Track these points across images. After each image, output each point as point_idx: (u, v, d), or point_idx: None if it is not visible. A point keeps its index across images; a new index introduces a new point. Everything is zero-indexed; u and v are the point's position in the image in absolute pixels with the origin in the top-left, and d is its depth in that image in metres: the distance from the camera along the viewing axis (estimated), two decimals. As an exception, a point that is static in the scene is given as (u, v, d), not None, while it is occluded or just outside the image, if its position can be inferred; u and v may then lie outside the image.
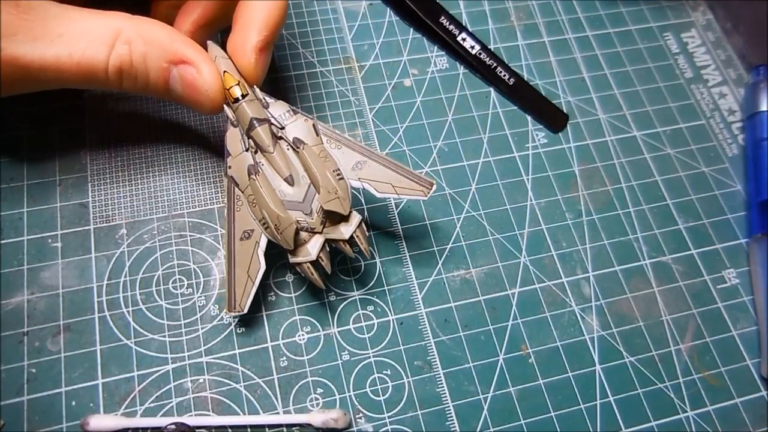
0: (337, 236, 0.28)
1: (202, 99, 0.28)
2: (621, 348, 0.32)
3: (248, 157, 0.28)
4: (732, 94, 0.41)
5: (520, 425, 0.30)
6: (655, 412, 0.31)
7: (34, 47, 0.26)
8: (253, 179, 0.28)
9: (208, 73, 0.28)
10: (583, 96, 0.40)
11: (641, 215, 0.36)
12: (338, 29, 0.39)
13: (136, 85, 0.28)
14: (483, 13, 0.41)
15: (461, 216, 0.35)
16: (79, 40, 0.26)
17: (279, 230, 0.28)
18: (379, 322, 0.31)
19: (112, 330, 0.29)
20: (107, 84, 0.28)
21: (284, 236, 0.28)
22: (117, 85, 0.28)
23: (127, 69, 0.27)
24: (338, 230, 0.29)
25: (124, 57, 0.27)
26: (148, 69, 0.27)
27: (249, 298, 0.29)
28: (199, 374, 0.29)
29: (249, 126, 0.28)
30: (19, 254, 0.30)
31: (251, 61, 0.29)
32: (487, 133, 0.37)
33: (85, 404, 0.28)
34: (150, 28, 0.27)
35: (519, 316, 0.32)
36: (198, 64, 0.28)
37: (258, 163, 0.28)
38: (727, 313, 0.34)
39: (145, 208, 0.32)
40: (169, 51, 0.27)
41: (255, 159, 0.28)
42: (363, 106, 0.37)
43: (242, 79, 0.29)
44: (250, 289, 0.29)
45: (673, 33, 0.43)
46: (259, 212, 0.28)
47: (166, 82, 0.28)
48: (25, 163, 0.32)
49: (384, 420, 0.29)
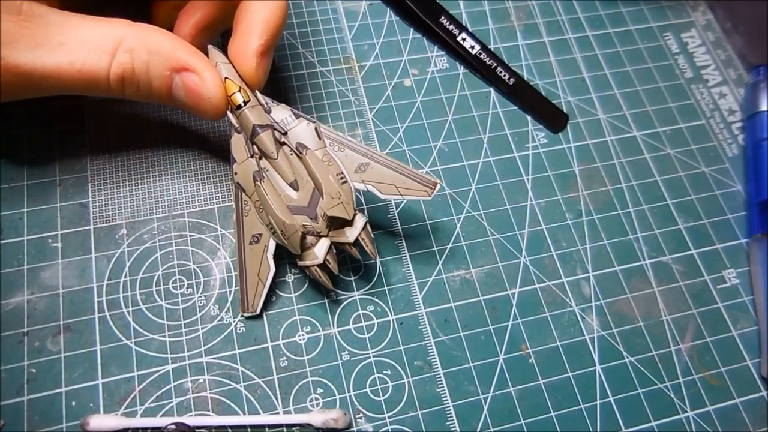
0: (342, 239, 0.29)
1: (206, 106, 0.28)
2: (621, 348, 0.32)
3: (253, 164, 0.29)
4: (732, 94, 0.41)
5: (520, 425, 0.30)
6: (655, 412, 0.31)
7: (35, 55, 0.26)
8: (258, 186, 0.28)
9: (211, 80, 0.28)
10: (583, 96, 0.40)
11: (641, 215, 0.36)
12: (338, 29, 0.39)
13: (138, 93, 0.28)
14: (483, 13, 0.42)
15: (461, 216, 0.35)
16: (80, 49, 0.26)
17: (285, 236, 0.28)
18: (379, 322, 0.31)
19: (112, 330, 0.29)
20: (109, 92, 0.28)
21: (291, 242, 0.28)
22: (119, 93, 0.28)
23: (130, 77, 0.27)
24: (344, 233, 0.29)
25: (126, 65, 0.27)
26: (150, 77, 0.28)
27: (261, 299, 0.30)
28: (199, 374, 0.29)
29: (252, 132, 0.29)
30: (19, 254, 0.30)
31: (252, 66, 0.29)
32: (487, 133, 0.37)
33: (85, 404, 0.28)
34: (152, 36, 0.27)
35: (519, 316, 0.32)
36: (201, 72, 0.28)
37: (263, 169, 0.29)
38: (727, 313, 0.34)
39: (145, 208, 0.32)
40: (172, 59, 0.27)
41: (260, 165, 0.29)
42: (363, 106, 0.37)
43: (244, 85, 0.29)
44: (262, 291, 0.30)
45: (673, 33, 0.43)
46: (266, 218, 0.29)
47: (169, 90, 0.28)
48: (25, 163, 0.32)
49: (384, 420, 0.29)
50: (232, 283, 0.31)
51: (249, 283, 0.30)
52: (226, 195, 0.33)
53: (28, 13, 0.26)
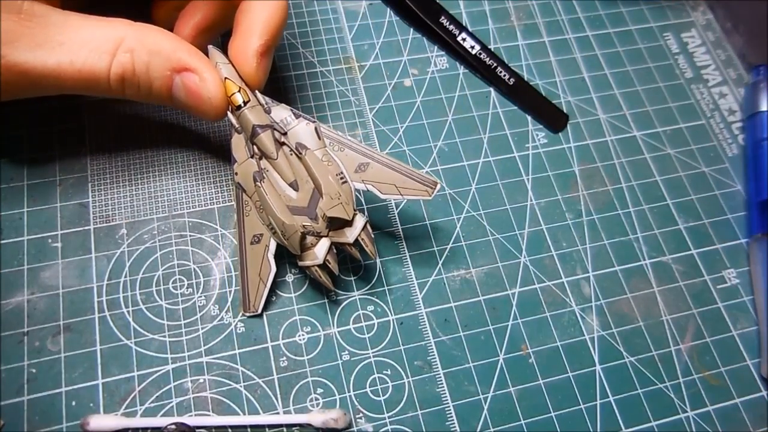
0: (342, 240, 0.29)
1: (206, 107, 0.28)
2: (621, 348, 0.32)
3: (253, 164, 0.29)
4: (732, 94, 0.41)
5: (520, 425, 0.30)
6: (655, 412, 0.31)
7: (35, 54, 0.26)
8: (258, 186, 0.28)
9: (211, 80, 0.28)
10: (583, 96, 0.40)
11: (641, 215, 0.36)
12: (338, 29, 0.39)
13: (139, 94, 0.28)
14: (483, 13, 0.41)
15: (461, 216, 0.35)
16: (81, 48, 0.26)
17: (285, 236, 0.28)
18: (379, 322, 0.31)
19: (112, 330, 0.29)
20: (109, 92, 0.28)
21: (291, 242, 0.28)
22: (119, 93, 0.28)
23: (130, 77, 0.27)
24: (344, 234, 0.29)
25: (127, 65, 0.27)
26: (151, 78, 0.28)
27: (262, 299, 0.30)
28: (199, 374, 0.29)
29: (252, 133, 0.29)
30: (19, 254, 0.30)
31: (253, 66, 0.29)
32: (487, 133, 0.37)
33: (85, 404, 0.28)
34: (152, 36, 0.27)
35: (519, 316, 0.32)
36: (201, 72, 0.28)
37: (263, 169, 0.29)
38: (727, 313, 0.34)
39: (145, 208, 0.32)
40: (172, 59, 0.27)
41: (260, 165, 0.29)
42: (363, 106, 0.37)
43: (244, 85, 0.29)
44: (263, 291, 0.30)
45: (673, 33, 0.43)
46: (267, 218, 0.29)
47: (170, 90, 0.28)
48: (25, 163, 0.32)
49: (384, 420, 0.29)
50: (232, 283, 0.31)
51: (250, 283, 0.30)
52: (226, 195, 0.33)
53: (29, 13, 0.26)
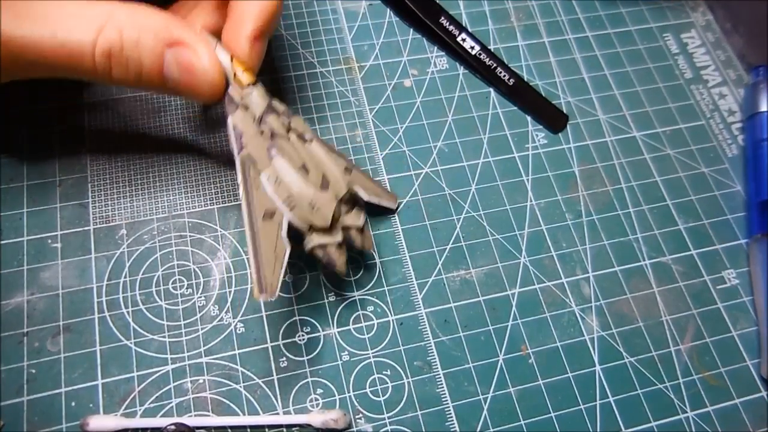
0: (351, 222, 0.29)
1: (201, 83, 0.27)
2: (621, 348, 0.32)
3: (264, 140, 0.28)
4: (732, 95, 0.41)
5: (519, 425, 0.30)
6: (655, 412, 0.31)
7: (15, 25, 0.24)
8: (278, 157, 0.27)
9: (206, 54, 0.26)
10: (583, 96, 0.40)
11: (641, 215, 0.36)
12: (338, 29, 0.39)
13: (127, 74, 0.26)
14: (483, 13, 0.42)
15: (461, 216, 0.35)
16: (65, 21, 0.25)
17: (314, 207, 0.27)
18: (378, 323, 0.31)
19: (112, 330, 0.29)
20: (95, 72, 0.26)
21: (322, 213, 0.27)
22: (106, 74, 0.26)
23: (117, 54, 0.25)
24: (352, 217, 0.29)
25: (114, 41, 0.25)
26: (141, 56, 0.26)
27: (279, 279, 0.27)
28: (198, 375, 0.29)
29: (265, 110, 0.28)
30: (19, 254, 0.30)
31: (245, 50, 0.27)
32: (487, 133, 0.37)
33: (84, 405, 0.28)
34: (143, 12, 0.26)
35: (519, 316, 0.32)
36: (194, 45, 0.26)
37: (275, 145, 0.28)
38: (727, 313, 0.34)
39: (144, 208, 0.32)
40: (165, 37, 0.26)
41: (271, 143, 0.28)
42: (363, 107, 0.37)
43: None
44: (279, 271, 0.27)
45: (672, 33, 0.43)
46: (284, 192, 0.27)
47: (161, 71, 0.27)
48: (25, 163, 0.32)
49: (384, 420, 0.29)
50: (232, 284, 0.31)
51: (265, 261, 0.27)
52: (226, 195, 0.33)
53: None
